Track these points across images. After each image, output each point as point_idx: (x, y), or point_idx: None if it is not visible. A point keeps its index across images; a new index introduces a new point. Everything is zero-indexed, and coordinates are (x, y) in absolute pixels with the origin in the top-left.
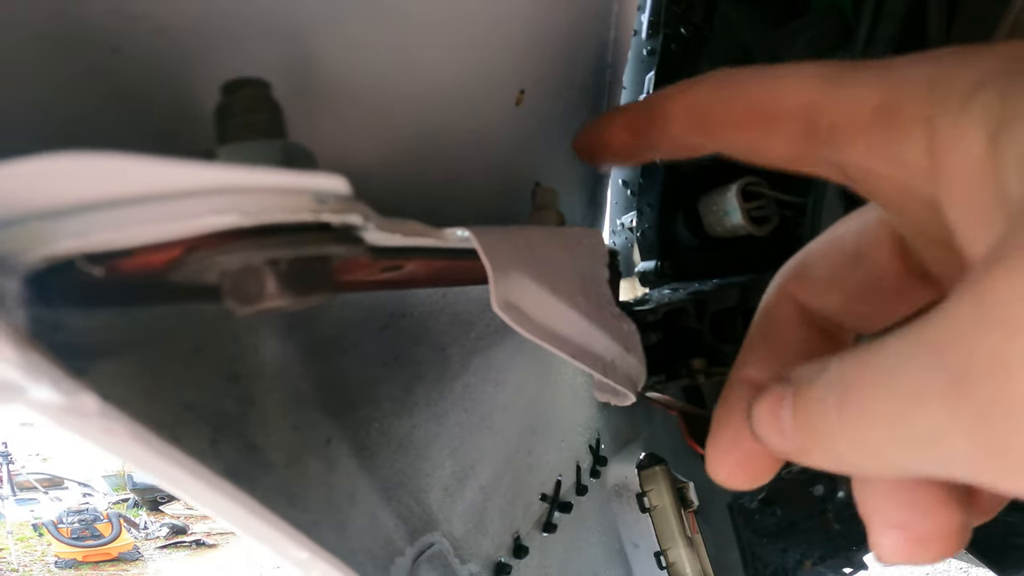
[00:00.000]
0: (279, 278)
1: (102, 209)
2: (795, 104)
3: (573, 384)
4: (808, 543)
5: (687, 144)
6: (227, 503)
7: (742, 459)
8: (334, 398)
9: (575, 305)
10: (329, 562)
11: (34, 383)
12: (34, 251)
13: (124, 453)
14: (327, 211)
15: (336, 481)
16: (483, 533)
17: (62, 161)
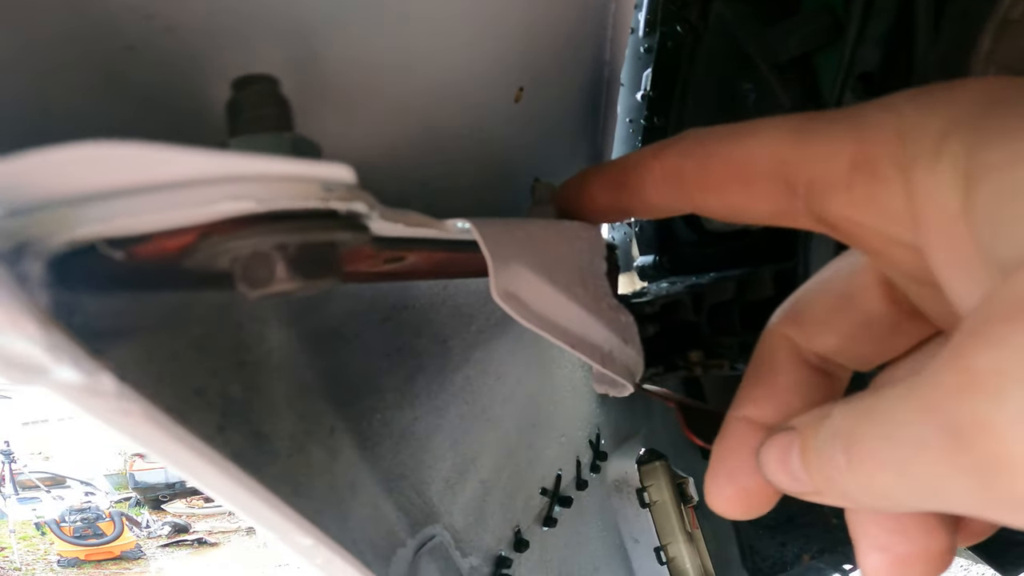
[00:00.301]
0: (288, 263)
1: (125, 196)
2: (769, 164)
3: (573, 379)
4: (807, 537)
5: (665, 207)
6: (235, 488)
7: (740, 493)
8: (337, 388)
9: (573, 296)
10: (332, 549)
11: (56, 362)
12: (59, 236)
13: (138, 435)
14: (334, 199)
15: (339, 471)
16: (484, 526)
17: (90, 149)
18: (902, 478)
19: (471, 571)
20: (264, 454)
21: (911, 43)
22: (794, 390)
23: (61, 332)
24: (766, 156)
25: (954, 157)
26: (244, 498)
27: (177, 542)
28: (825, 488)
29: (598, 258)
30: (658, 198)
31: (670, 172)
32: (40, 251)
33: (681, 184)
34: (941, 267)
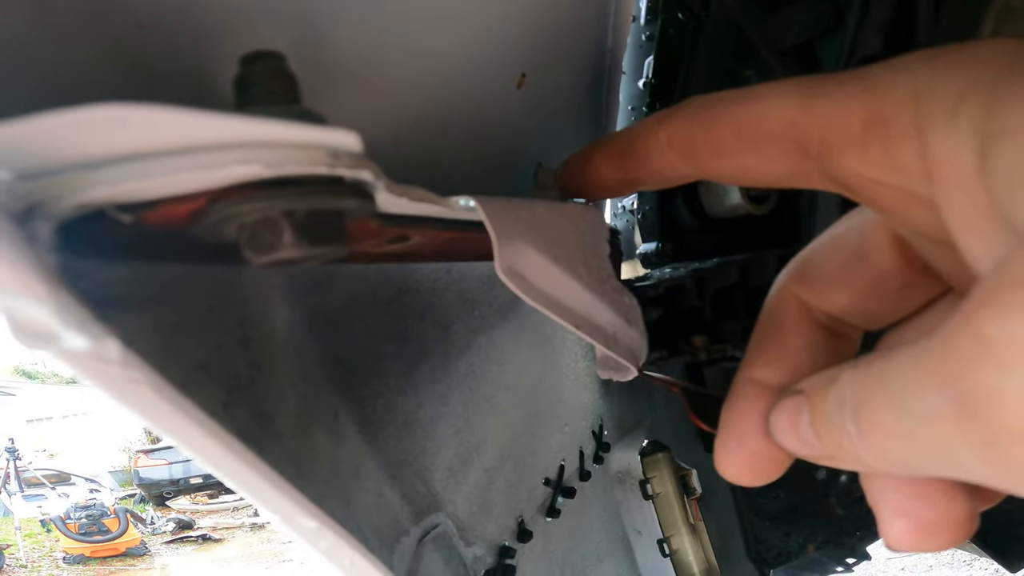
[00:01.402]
0: (295, 229)
1: (135, 160)
2: (780, 124)
3: (576, 368)
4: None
5: (673, 175)
6: (239, 465)
7: (750, 458)
8: (341, 371)
9: (577, 276)
10: (337, 532)
11: (64, 326)
12: (68, 198)
13: (143, 405)
14: (341, 166)
15: (342, 455)
16: (487, 516)
17: (103, 111)
18: (912, 446)
19: (474, 561)
20: (268, 434)
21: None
22: (804, 350)
23: (69, 295)
24: (777, 117)
25: (972, 118)
26: (247, 475)
27: (182, 538)
28: (837, 453)
29: (601, 241)
30: (666, 166)
31: (677, 139)
32: (49, 214)
33: (690, 150)
34: (956, 225)
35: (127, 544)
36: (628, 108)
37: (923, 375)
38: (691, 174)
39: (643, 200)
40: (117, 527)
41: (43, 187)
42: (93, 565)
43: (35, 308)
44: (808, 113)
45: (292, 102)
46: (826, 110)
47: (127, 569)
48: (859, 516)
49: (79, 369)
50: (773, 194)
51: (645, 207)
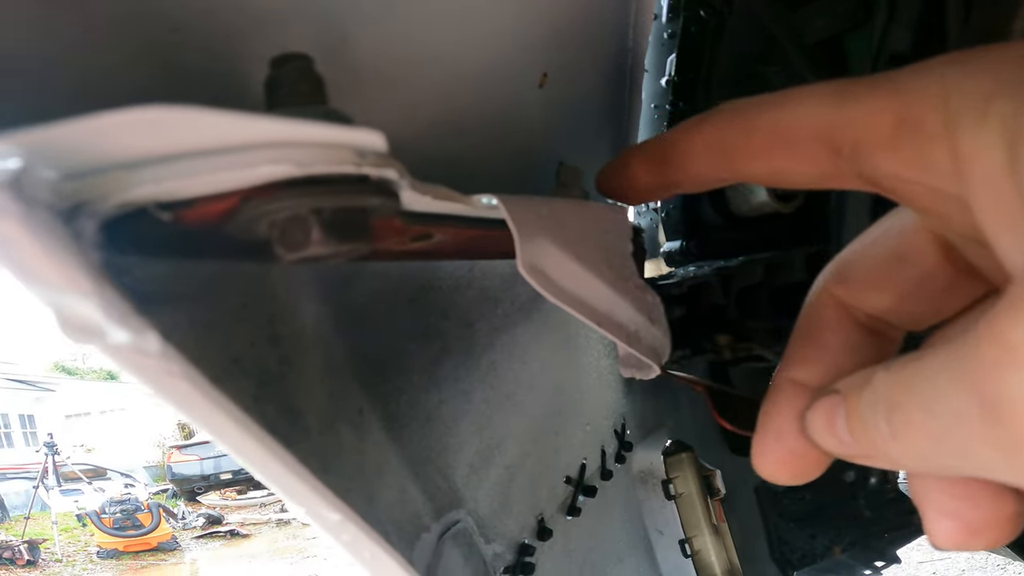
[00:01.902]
0: (323, 227)
1: (175, 160)
2: (813, 128)
3: (599, 367)
4: (838, 529)
5: (710, 179)
6: (268, 458)
7: (787, 456)
8: (365, 368)
9: (599, 274)
10: (359, 526)
11: (108, 321)
12: (112, 197)
13: (179, 397)
14: (367, 165)
15: (367, 451)
16: (508, 513)
17: (145, 113)
18: (940, 447)
19: (494, 558)
20: (296, 429)
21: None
22: (843, 350)
23: (113, 290)
24: (809, 120)
25: (1001, 117)
26: (276, 468)
27: (211, 533)
28: (872, 452)
29: (624, 239)
30: (703, 170)
31: (713, 144)
32: (93, 212)
33: (725, 154)
34: (988, 223)
35: (159, 539)
36: (651, 106)
37: (950, 378)
38: (727, 178)
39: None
40: (150, 522)
41: (88, 186)
42: (126, 559)
43: (81, 303)
44: (840, 115)
45: (319, 103)
46: (858, 112)
47: (158, 564)
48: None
49: (121, 362)
50: (800, 192)
51: (669, 205)
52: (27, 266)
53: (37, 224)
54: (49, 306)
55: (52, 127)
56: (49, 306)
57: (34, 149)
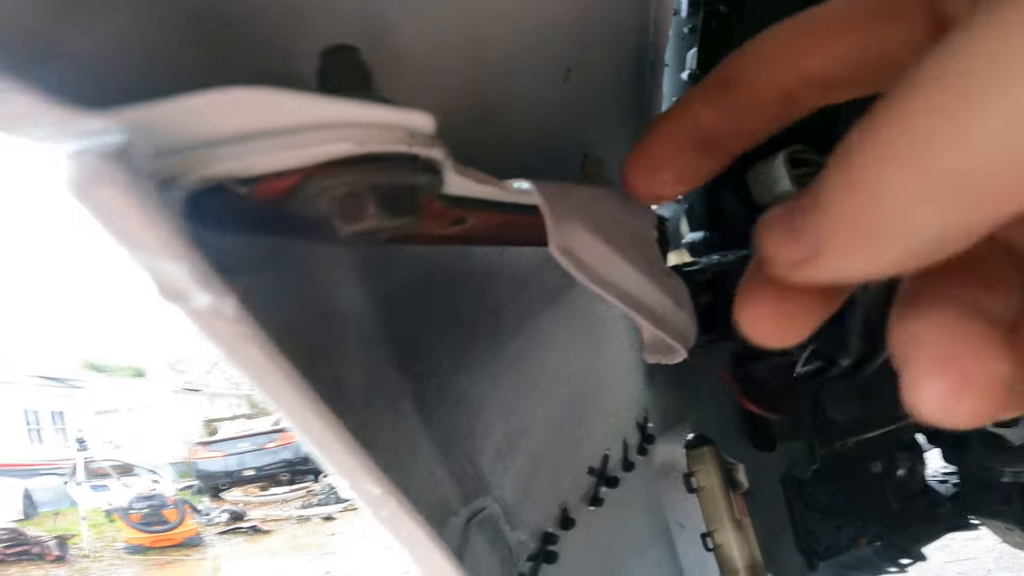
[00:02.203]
0: (378, 202)
1: (250, 139)
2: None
3: (621, 359)
4: (864, 521)
5: (782, 87)
6: (322, 428)
7: (772, 308)
8: (399, 349)
9: (628, 257)
10: (399, 502)
11: (195, 284)
12: (196, 172)
13: (250, 362)
14: (417, 144)
15: (401, 430)
16: (532, 501)
17: (228, 94)
18: (922, 171)
19: (518, 545)
20: (341, 402)
21: None
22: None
23: (199, 255)
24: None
25: None
26: (327, 438)
27: (234, 529)
28: (828, 235)
29: (649, 225)
30: (774, 75)
31: (779, 38)
32: (182, 186)
33: (796, 44)
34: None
35: (184, 535)
36: (672, 100)
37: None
38: (797, 81)
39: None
40: (176, 518)
41: (176, 162)
42: (152, 555)
43: (173, 267)
44: None
45: (367, 89)
46: None
47: (183, 559)
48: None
49: (201, 325)
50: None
51: (692, 198)
52: (131, 232)
53: (140, 193)
54: (146, 270)
55: (153, 105)
56: (146, 270)
57: (136, 125)
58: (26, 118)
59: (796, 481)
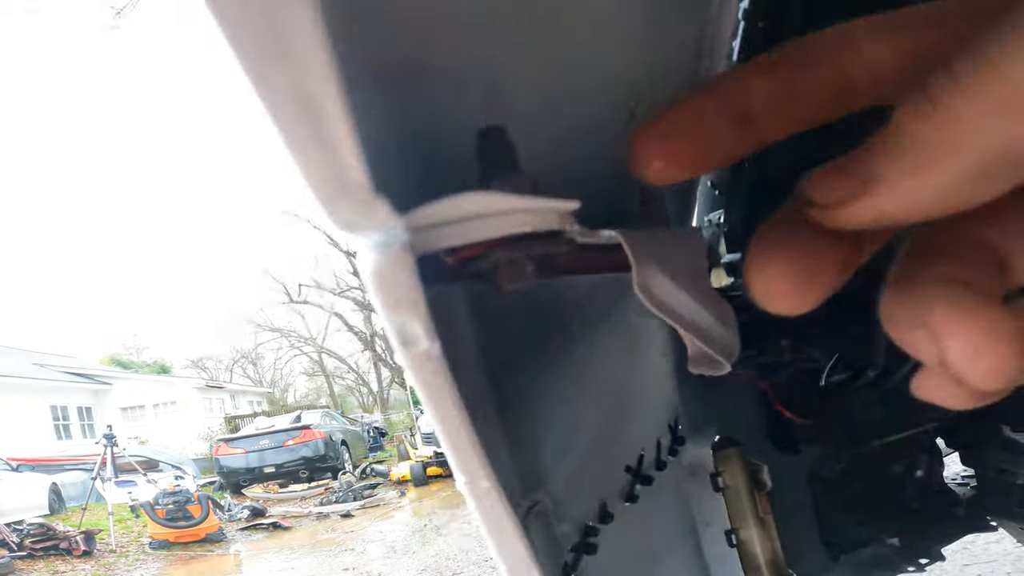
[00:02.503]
0: (533, 266)
1: (467, 222)
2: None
3: (656, 365)
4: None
5: (846, 81)
6: (462, 437)
7: (793, 262)
8: (490, 362)
9: (686, 289)
10: (500, 494)
11: (424, 335)
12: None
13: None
14: (565, 223)
15: (490, 433)
16: (577, 496)
17: (471, 196)
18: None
19: (563, 537)
20: None
21: None
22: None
23: (430, 314)
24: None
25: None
26: (465, 445)
27: (254, 526)
28: (887, 158)
29: (702, 259)
30: (838, 61)
31: (856, 38)
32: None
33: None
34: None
35: (207, 530)
36: None
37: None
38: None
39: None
40: (199, 513)
41: (420, 238)
42: (176, 550)
43: (415, 324)
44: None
45: (517, 170)
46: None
47: (205, 555)
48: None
49: (414, 364)
50: None
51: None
52: (400, 303)
53: (413, 273)
54: (394, 325)
55: (435, 205)
56: (394, 325)
57: (414, 219)
58: (371, 221)
59: (823, 479)
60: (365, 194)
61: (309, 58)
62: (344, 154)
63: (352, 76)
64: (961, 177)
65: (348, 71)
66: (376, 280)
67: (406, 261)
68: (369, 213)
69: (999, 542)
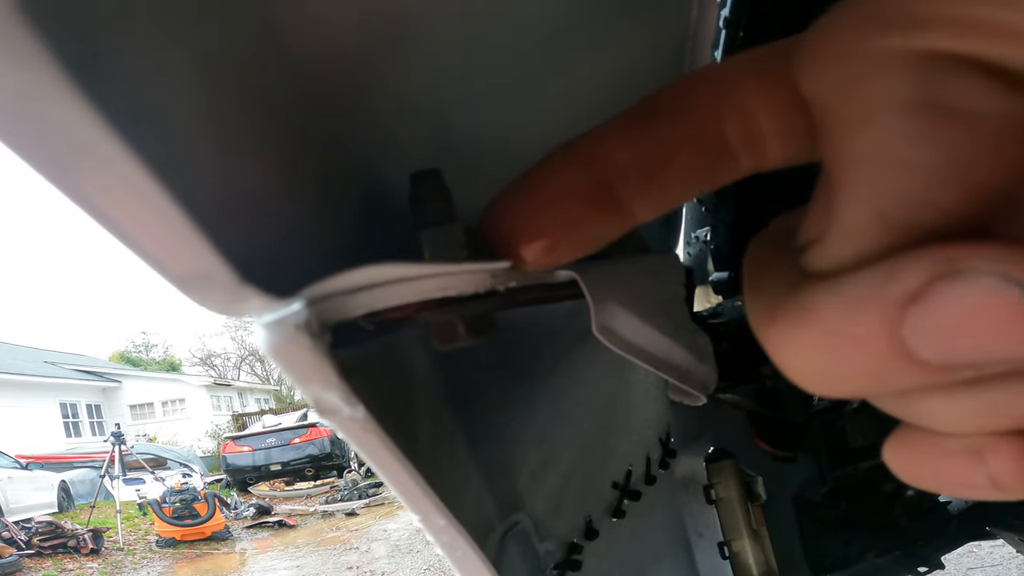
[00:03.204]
0: (466, 327)
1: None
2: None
3: (645, 382)
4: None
5: (728, 135)
6: (408, 479)
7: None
8: (454, 396)
9: (657, 326)
10: (457, 530)
11: (343, 404)
12: (339, 316)
13: (369, 448)
14: (498, 283)
15: (456, 466)
16: (560, 515)
17: (382, 267)
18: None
19: (546, 555)
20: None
21: None
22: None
23: (347, 384)
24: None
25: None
26: (411, 487)
27: (260, 524)
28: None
29: (678, 286)
30: (715, 111)
31: (737, 80)
32: (327, 329)
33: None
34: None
35: (213, 528)
36: None
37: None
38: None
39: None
40: (206, 511)
41: (326, 310)
42: (182, 548)
43: (331, 395)
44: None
45: (453, 219)
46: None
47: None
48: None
49: (343, 428)
50: None
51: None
52: (309, 377)
53: (318, 351)
54: (311, 397)
55: (326, 282)
56: (311, 397)
57: (309, 295)
58: (249, 307)
59: (808, 502)
60: (229, 284)
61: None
62: (193, 247)
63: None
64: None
65: None
66: (275, 358)
67: (301, 341)
68: (239, 302)
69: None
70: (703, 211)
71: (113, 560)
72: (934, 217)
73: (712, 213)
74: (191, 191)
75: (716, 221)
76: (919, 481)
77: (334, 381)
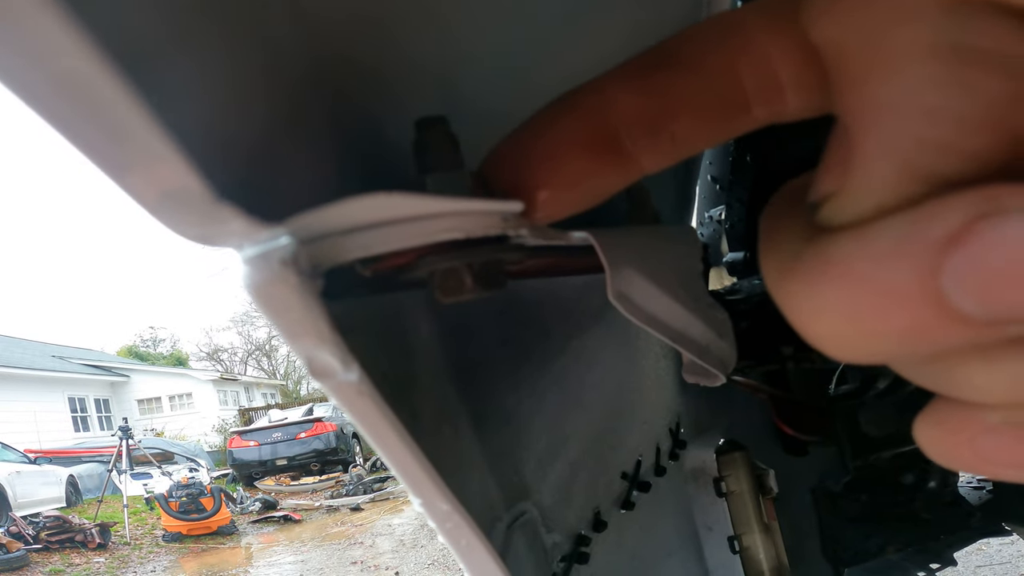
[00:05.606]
0: (473, 277)
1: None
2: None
3: (656, 368)
4: (893, 530)
5: (743, 84)
6: (408, 459)
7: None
8: (461, 374)
9: (675, 296)
10: (461, 515)
11: (338, 364)
12: (334, 259)
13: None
14: (509, 227)
15: (461, 449)
16: (568, 506)
17: (371, 198)
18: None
19: (553, 547)
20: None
21: None
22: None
23: (342, 341)
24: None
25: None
26: (411, 465)
27: (266, 518)
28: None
29: (695, 260)
30: (729, 59)
31: (752, 27)
32: (320, 273)
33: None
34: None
35: (219, 522)
36: None
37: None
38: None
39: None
40: (212, 506)
41: (319, 251)
42: (188, 543)
43: (324, 353)
44: None
45: (460, 165)
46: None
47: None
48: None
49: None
50: None
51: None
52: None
53: (307, 293)
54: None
55: (319, 211)
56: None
57: (298, 228)
58: (227, 232)
59: (828, 493)
60: (202, 201)
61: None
62: (157, 154)
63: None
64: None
65: None
66: (258, 300)
67: (288, 278)
68: (215, 224)
69: (1013, 543)
70: (717, 190)
71: (120, 555)
72: (961, 165)
73: (727, 191)
74: (175, 113)
75: (731, 199)
76: (956, 461)
77: (327, 335)
